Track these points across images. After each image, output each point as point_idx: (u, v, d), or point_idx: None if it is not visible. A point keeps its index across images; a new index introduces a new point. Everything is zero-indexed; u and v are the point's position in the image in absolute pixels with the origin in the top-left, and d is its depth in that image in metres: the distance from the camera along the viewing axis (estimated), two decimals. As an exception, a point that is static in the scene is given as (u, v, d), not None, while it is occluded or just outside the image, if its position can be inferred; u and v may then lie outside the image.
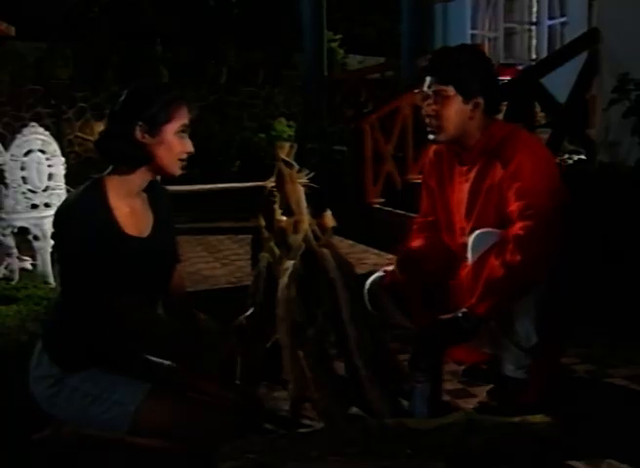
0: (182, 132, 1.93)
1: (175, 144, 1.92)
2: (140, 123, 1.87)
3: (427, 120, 2.26)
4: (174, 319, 2.13)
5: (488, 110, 2.24)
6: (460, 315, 2.02)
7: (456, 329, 2.03)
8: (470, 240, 2.13)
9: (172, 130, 1.90)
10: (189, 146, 1.96)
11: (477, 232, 2.12)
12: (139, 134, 1.88)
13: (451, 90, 2.20)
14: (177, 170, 1.96)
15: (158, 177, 2.04)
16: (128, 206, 1.95)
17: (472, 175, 2.24)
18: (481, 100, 2.21)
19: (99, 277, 1.85)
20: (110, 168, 1.96)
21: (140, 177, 1.96)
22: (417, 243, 2.40)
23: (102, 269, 1.85)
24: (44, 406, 2.00)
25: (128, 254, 1.91)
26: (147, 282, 1.97)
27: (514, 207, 2.09)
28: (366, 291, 2.42)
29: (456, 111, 2.20)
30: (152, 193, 2.04)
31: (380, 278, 2.42)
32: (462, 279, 2.19)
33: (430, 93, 2.23)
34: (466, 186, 2.26)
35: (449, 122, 2.21)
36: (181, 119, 1.92)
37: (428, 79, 2.24)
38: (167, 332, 1.98)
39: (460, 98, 2.20)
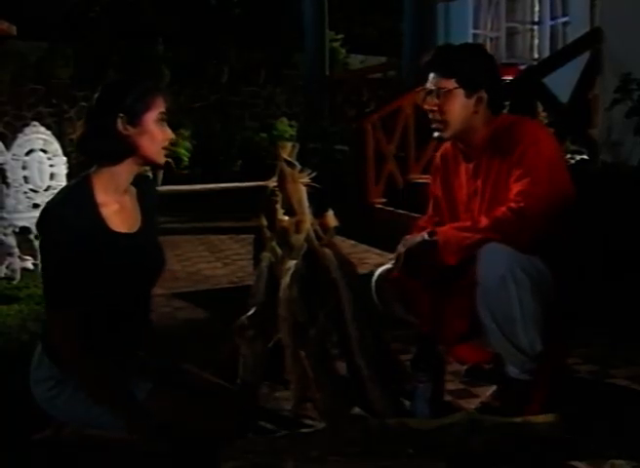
0: (162, 120, 1.94)
1: (156, 133, 1.93)
2: (121, 114, 1.88)
3: (431, 116, 2.25)
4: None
5: (492, 106, 2.23)
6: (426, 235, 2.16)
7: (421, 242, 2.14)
8: (482, 253, 2.08)
9: (151, 118, 1.91)
10: (170, 133, 1.97)
11: (489, 245, 2.07)
12: (120, 125, 1.88)
13: (453, 83, 2.19)
14: (161, 158, 1.97)
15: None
16: (116, 202, 1.95)
17: (481, 170, 2.23)
18: (484, 95, 2.20)
19: (83, 277, 1.85)
20: (95, 165, 1.96)
21: (127, 170, 1.95)
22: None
23: (88, 269, 1.85)
24: (44, 407, 2.00)
25: (116, 251, 1.90)
26: (134, 280, 1.97)
27: (513, 189, 2.10)
28: (373, 282, 2.42)
29: (459, 105, 2.20)
30: (142, 189, 2.04)
31: (387, 271, 2.42)
32: (467, 276, 2.18)
33: (433, 88, 2.22)
34: (476, 183, 2.25)
35: (453, 116, 2.20)
36: (159, 107, 1.93)
37: (431, 75, 2.24)
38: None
39: (462, 92, 2.19)
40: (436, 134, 2.27)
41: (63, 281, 1.85)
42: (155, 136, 1.92)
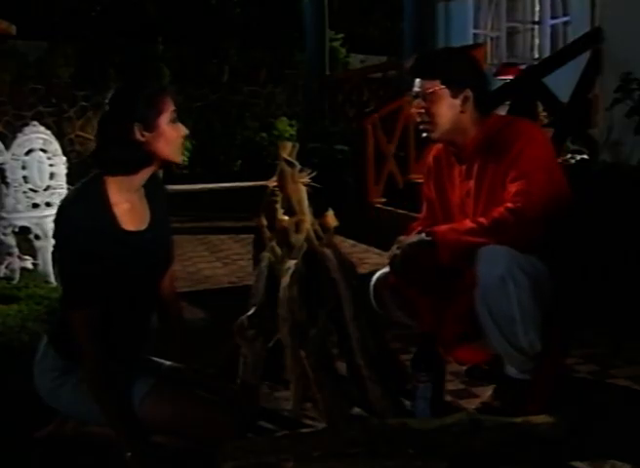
0: (174, 119, 1.95)
1: (172, 133, 1.94)
2: (137, 123, 1.88)
3: (419, 118, 2.26)
4: (163, 321, 2.15)
5: (480, 105, 2.23)
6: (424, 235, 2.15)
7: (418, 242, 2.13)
8: (481, 253, 2.07)
9: (165, 121, 1.92)
10: (184, 130, 1.99)
11: (488, 246, 2.07)
12: (137, 133, 1.88)
13: (437, 84, 2.19)
14: (178, 157, 1.99)
15: (161, 175, 2.06)
16: (128, 201, 1.96)
17: (474, 171, 2.23)
18: (470, 94, 2.21)
19: (96, 276, 1.85)
20: None
21: (144, 172, 1.97)
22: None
23: (100, 268, 1.85)
24: (47, 399, 2.02)
25: (125, 250, 1.92)
26: (140, 278, 1.97)
27: (510, 190, 2.10)
28: (371, 287, 2.42)
29: (446, 106, 2.20)
30: (149, 186, 2.04)
31: (385, 275, 2.41)
32: (465, 278, 2.18)
33: (419, 91, 2.23)
34: (469, 184, 2.25)
35: (440, 117, 2.21)
36: (170, 107, 1.94)
37: (416, 80, 2.25)
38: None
39: (447, 92, 2.20)
40: (424, 134, 2.27)
41: (79, 280, 1.87)
42: (170, 137, 1.94)
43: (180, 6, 9.95)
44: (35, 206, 4.04)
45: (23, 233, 4.07)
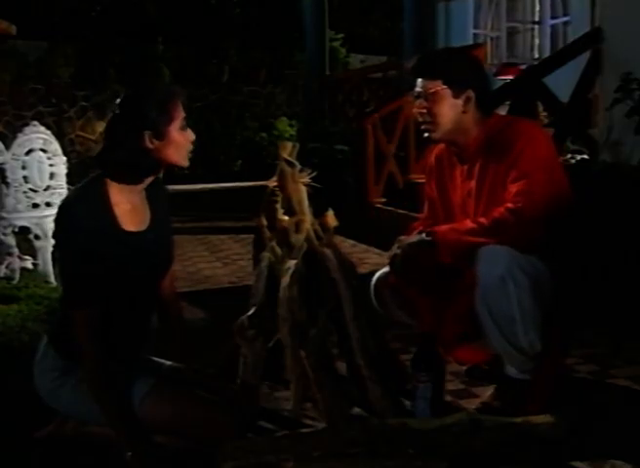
0: (184, 126, 1.94)
1: (181, 140, 1.94)
2: (147, 131, 1.87)
3: (420, 118, 2.26)
4: (163, 321, 2.15)
5: (481, 106, 2.23)
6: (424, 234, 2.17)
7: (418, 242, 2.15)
8: (481, 253, 2.08)
9: (175, 128, 1.91)
10: (192, 135, 1.98)
11: (489, 246, 2.07)
12: (147, 141, 1.87)
13: (439, 84, 2.19)
14: (186, 162, 1.99)
15: (161, 175, 2.06)
16: (129, 201, 1.95)
17: (475, 171, 2.23)
18: (472, 94, 2.21)
19: (97, 276, 1.85)
20: None
21: (149, 179, 1.98)
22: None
23: (101, 268, 1.85)
24: (47, 399, 2.02)
25: (125, 251, 1.92)
26: (141, 278, 1.97)
27: (511, 190, 2.10)
28: (371, 287, 2.42)
29: (447, 106, 2.20)
30: (150, 186, 2.04)
31: (385, 275, 2.41)
32: (465, 278, 2.18)
33: (421, 91, 2.23)
34: (470, 184, 2.25)
35: (442, 117, 2.21)
36: (181, 114, 1.93)
37: (418, 80, 2.25)
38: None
39: (449, 93, 2.20)
40: (426, 134, 2.27)
41: (79, 280, 1.86)
42: (180, 143, 1.94)
43: (179, 6, 9.95)
44: (35, 206, 4.04)
45: (23, 233, 4.07)
